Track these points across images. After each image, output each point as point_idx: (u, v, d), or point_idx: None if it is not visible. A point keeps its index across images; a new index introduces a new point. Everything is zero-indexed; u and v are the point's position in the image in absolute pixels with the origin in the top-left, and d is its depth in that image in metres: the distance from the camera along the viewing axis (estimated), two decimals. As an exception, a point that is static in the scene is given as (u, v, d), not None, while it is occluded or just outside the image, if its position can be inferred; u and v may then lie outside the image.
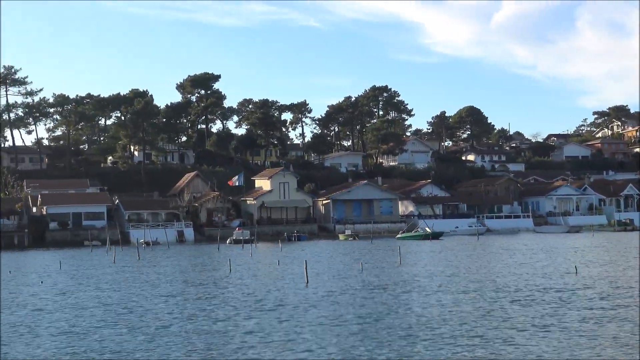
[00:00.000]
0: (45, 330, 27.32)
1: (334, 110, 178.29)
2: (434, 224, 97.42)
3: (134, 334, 25.70)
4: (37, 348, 23.89)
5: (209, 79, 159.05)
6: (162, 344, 23.82)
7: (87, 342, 24.62)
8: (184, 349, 22.91)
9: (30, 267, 61.26)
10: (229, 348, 22.72)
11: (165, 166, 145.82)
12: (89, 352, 22.88)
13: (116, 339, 24.97)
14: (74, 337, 25.54)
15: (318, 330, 25.25)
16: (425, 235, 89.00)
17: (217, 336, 24.75)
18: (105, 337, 25.23)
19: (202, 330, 25.93)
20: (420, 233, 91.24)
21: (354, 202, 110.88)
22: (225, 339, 24.23)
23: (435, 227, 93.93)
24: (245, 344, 23.29)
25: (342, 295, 34.32)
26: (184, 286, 41.02)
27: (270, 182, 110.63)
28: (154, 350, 22.90)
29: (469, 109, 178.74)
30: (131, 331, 26.36)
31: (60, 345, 24.25)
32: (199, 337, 24.65)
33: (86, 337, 25.60)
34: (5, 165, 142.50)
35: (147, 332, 26.11)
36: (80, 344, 24.16)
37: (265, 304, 32.19)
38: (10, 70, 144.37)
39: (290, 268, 51.19)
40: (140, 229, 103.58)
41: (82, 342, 24.61)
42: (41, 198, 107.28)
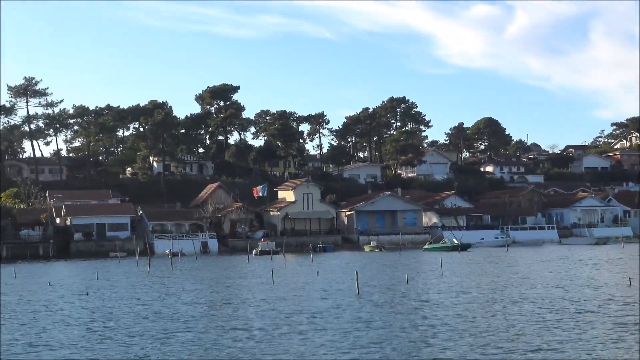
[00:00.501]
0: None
1: (352, 121, 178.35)
2: (461, 235, 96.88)
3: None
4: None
5: (228, 90, 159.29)
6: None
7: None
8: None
9: (67, 278, 61.16)
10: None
11: (185, 177, 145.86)
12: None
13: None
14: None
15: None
16: (453, 247, 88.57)
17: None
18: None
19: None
20: (447, 244, 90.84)
21: (378, 213, 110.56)
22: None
23: (460, 239, 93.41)
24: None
25: (403, 305, 34.12)
26: (255, 296, 41.02)
27: (294, 193, 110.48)
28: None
29: (487, 120, 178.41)
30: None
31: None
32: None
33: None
34: (26, 176, 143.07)
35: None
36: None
37: (339, 314, 32.09)
38: (31, 82, 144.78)
39: (332, 278, 51.01)
40: (164, 239, 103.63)
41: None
42: (65, 209, 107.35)
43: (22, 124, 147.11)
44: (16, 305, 40.29)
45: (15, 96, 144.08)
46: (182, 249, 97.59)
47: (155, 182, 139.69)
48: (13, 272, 64.78)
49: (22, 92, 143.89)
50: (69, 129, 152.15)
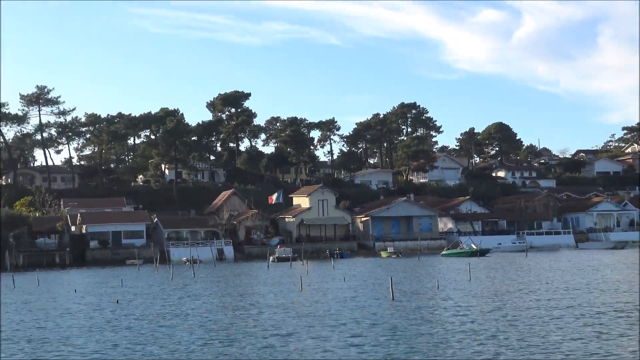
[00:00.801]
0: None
1: (362, 127, 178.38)
2: (480, 240, 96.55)
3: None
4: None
5: (239, 97, 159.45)
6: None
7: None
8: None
9: (92, 286, 61.07)
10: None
11: (197, 184, 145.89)
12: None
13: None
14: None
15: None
16: (472, 252, 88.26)
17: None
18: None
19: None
20: (466, 250, 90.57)
21: (393, 219, 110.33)
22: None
23: (479, 244, 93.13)
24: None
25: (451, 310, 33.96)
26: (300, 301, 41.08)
27: (309, 199, 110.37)
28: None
29: (498, 125, 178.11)
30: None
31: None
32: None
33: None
34: (39, 185, 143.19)
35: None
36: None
37: (376, 320, 31.98)
38: (43, 90, 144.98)
39: (359, 284, 50.84)
40: (180, 247, 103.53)
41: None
42: (81, 217, 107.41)
43: (34, 133, 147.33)
44: (53, 311, 40.35)
45: (27, 105, 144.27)
46: (198, 256, 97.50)
47: (168, 189, 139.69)
48: (36, 280, 64.64)
49: (34, 101, 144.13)
50: (82, 137, 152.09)
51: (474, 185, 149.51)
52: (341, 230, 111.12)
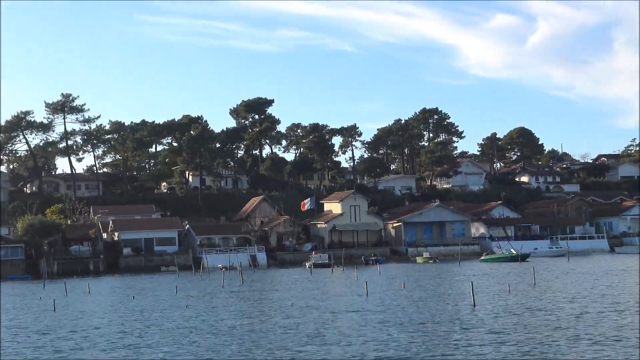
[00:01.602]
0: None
1: (384, 133, 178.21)
2: (521, 245, 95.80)
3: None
4: None
5: (263, 103, 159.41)
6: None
7: None
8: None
9: (147, 292, 60.82)
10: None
11: (221, 191, 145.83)
12: None
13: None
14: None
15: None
16: (513, 257, 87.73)
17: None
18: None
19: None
20: (505, 255, 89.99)
21: (425, 224, 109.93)
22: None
23: (520, 249, 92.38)
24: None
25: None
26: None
27: (341, 205, 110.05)
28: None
29: (520, 130, 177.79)
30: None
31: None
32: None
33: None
34: (63, 193, 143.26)
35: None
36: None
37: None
38: (68, 98, 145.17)
39: (424, 290, 50.51)
40: (212, 253, 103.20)
41: None
42: (113, 224, 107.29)
43: (59, 140, 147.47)
44: (133, 315, 40.19)
45: (52, 113, 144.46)
46: (233, 263, 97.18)
47: (192, 196, 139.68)
48: (87, 288, 64.48)
49: (59, 109, 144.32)
50: (107, 144, 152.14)
51: (498, 191, 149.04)
52: (373, 236, 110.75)
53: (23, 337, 34.77)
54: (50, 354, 29.89)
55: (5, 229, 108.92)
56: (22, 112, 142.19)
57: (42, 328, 37.91)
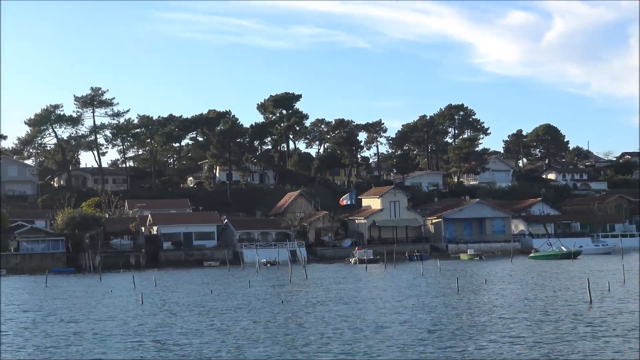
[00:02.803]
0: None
1: (409, 129, 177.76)
2: (574, 243, 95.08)
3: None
4: None
5: (291, 98, 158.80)
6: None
7: None
8: None
9: (222, 287, 60.39)
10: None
11: (249, 186, 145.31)
12: None
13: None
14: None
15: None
16: (564, 255, 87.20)
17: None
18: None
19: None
20: (556, 252, 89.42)
21: (465, 220, 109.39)
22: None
23: (573, 246, 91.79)
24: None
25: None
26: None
27: (381, 200, 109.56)
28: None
29: (546, 126, 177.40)
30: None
31: None
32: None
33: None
34: (90, 186, 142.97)
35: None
36: None
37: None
38: (98, 92, 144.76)
39: (507, 287, 50.09)
40: (252, 248, 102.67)
41: None
42: (152, 218, 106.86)
43: (89, 134, 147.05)
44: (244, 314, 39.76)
45: (82, 106, 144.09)
46: (275, 258, 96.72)
47: (221, 191, 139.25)
48: (153, 282, 64.09)
49: (88, 103, 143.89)
50: (136, 138, 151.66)
51: (526, 188, 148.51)
52: (413, 232, 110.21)
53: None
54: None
55: (42, 222, 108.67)
56: (52, 105, 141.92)
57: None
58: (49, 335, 33.82)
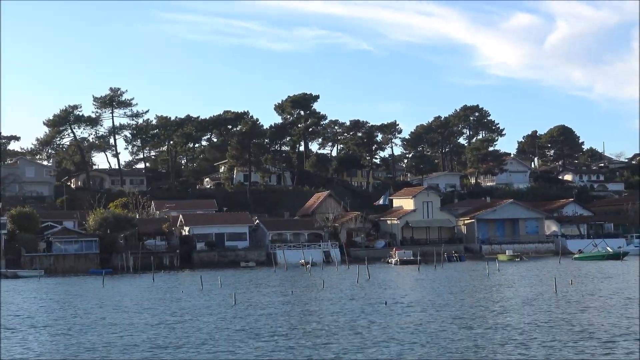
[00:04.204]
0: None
1: (423, 130, 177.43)
2: (624, 243, 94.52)
3: None
4: None
5: (309, 99, 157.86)
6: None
7: None
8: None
9: (272, 286, 59.63)
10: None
11: (268, 187, 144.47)
12: None
13: None
14: None
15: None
16: (611, 255, 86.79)
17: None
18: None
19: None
20: (602, 253, 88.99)
21: (497, 221, 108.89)
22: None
23: (624, 247, 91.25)
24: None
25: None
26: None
27: (414, 201, 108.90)
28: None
29: (561, 128, 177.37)
30: None
31: None
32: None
33: None
34: (108, 187, 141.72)
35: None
36: None
37: None
38: (117, 92, 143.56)
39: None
40: (285, 249, 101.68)
41: None
42: (183, 219, 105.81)
43: (108, 135, 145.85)
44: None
45: (101, 107, 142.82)
46: (312, 259, 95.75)
47: (240, 192, 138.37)
48: (218, 282, 63.10)
49: (107, 103, 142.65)
50: (155, 139, 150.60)
51: (545, 189, 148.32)
52: (446, 232, 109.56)
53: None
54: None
55: (70, 223, 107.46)
56: (70, 106, 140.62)
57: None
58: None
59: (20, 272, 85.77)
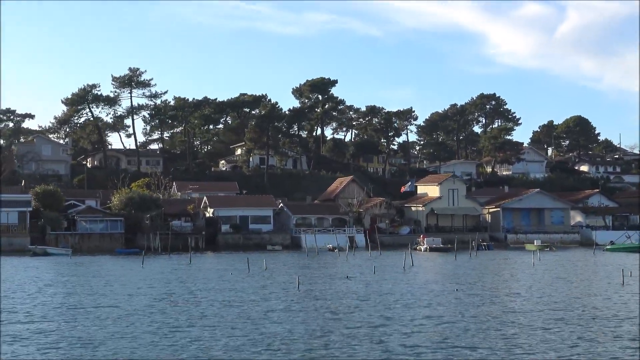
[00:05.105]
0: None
1: (439, 117, 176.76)
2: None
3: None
4: None
5: (327, 83, 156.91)
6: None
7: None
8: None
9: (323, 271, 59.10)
10: None
11: (284, 171, 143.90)
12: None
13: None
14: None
15: None
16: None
17: None
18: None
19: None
20: (635, 245, 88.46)
21: (523, 210, 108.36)
22: None
23: (634, 239, 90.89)
24: None
25: None
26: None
27: (439, 188, 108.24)
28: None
29: (577, 118, 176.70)
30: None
31: None
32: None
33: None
34: (124, 167, 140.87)
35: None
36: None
37: None
38: (135, 72, 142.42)
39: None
40: (309, 233, 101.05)
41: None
42: (208, 200, 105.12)
43: (126, 115, 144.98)
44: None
45: (119, 87, 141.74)
46: (338, 244, 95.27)
47: (257, 175, 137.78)
48: (263, 264, 62.60)
49: (126, 83, 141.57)
50: (174, 120, 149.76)
51: (561, 179, 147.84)
52: (470, 220, 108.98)
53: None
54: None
55: (92, 201, 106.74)
56: (89, 85, 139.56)
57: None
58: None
59: (50, 250, 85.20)
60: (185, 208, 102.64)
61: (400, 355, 24.69)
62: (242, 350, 25.50)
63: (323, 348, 25.79)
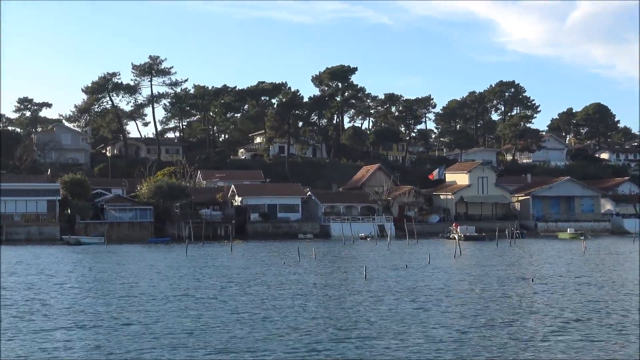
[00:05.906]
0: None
1: (457, 105, 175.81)
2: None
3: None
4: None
5: (347, 71, 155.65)
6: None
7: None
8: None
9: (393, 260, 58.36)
10: None
11: (305, 159, 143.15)
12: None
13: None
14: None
15: None
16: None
17: None
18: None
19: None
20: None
21: (552, 198, 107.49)
22: None
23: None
24: None
25: None
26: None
27: (469, 176, 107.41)
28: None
29: (596, 105, 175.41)
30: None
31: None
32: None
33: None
34: (143, 156, 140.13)
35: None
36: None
37: None
38: (156, 61, 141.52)
39: None
40: (337, 222, 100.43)
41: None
42: (235, 189, 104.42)
43: (147, 103, 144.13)
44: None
45: (140, 75, 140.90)
46: (370, 232, 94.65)
47: (278, 163, 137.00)
48: (312, 253, 61.85)
49: (147, 71, 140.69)
50: (194, 108, 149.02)
51: (582, 167, 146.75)
52: (500, 209, 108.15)
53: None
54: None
55: (118, 190, 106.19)
56: (109, 73, 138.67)
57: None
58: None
59: (83, 239, 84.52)
60: (213, 197, 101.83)
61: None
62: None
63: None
